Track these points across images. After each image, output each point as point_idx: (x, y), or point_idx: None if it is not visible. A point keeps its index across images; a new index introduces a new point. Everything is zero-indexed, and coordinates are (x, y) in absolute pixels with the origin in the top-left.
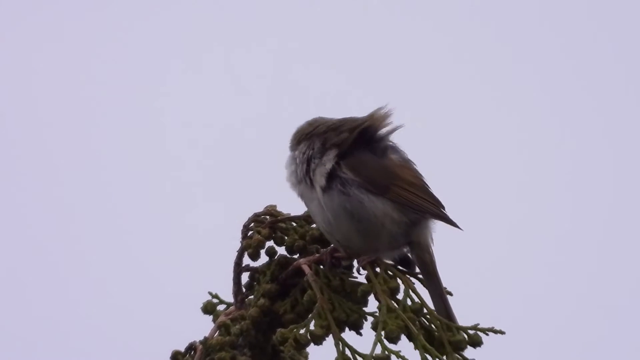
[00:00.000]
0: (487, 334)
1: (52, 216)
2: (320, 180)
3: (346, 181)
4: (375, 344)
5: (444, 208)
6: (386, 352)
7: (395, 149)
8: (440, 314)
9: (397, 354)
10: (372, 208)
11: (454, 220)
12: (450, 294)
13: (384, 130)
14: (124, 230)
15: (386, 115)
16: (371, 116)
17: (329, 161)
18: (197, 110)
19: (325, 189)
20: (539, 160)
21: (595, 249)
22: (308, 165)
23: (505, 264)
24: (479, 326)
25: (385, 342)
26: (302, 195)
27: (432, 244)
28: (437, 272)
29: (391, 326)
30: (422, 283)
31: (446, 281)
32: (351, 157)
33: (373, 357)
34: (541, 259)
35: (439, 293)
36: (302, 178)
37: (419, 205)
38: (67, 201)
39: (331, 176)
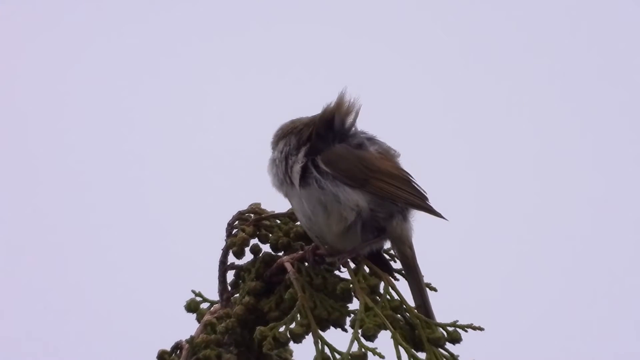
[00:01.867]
0: (466, 331)
1: (36, 216)
2: (296, 177)
3: (321, 176)
4: (352, 342)
5: (427, 199)
6: (362, 350)
7: (373, 140)
8: (419, 308)
9: (373, 350)
10: (346, 202)
11: (439, 211)
12: (435, 290)
13: (351, 120)
14: (109, 229)
15: (350, 104)
16: (337, 105)
17: (302, 158)
18: (181, 110)
19: (304, 185)
20: (527, 156)
21: (579, 245)
22: (286, 162)
23: (491, 258)
24: (457, 323)
25: (362, 339)
26: (286, 195)
27: (413, 238)
28: (418, 267)
29: (368, 324)
30: (404, 278)
31: (430, 277)
32: (327, 151)
33: (350, 355)
34: (527, 254)
35: (419, 288)
36: (283, 178)
37: (401, 198)
38: (49, 201)
39: (307, 172)
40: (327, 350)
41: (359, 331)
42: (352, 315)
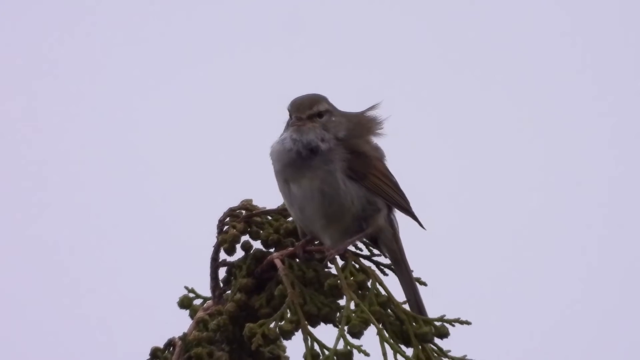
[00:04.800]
0: (453, 325)
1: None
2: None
3: (333, 161)
4: (338, 339)
5: (410, 205)
6: (348, 347)
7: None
8: (410, 302)
9: (358, 348)
10: (346, 193)
11: (420, 219)
12: (425, 284)
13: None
14: (101, 226)
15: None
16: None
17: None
18: (172, 106)
19: (314, 166)
20: (525, 155)
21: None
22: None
23: (484, 253)
24: (445, 317)
25: (349, 337)
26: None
27: (398, 232)
28: (406, 260)
29: (354, 321)
30: (394, 272)
31: (421, 272)
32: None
33: (336, 352)
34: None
35: (408, 281)
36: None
37: (392, 197)
38: (47, 200)
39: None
40: (316, 346)
41: (345, 328)
42: (342, 310)
